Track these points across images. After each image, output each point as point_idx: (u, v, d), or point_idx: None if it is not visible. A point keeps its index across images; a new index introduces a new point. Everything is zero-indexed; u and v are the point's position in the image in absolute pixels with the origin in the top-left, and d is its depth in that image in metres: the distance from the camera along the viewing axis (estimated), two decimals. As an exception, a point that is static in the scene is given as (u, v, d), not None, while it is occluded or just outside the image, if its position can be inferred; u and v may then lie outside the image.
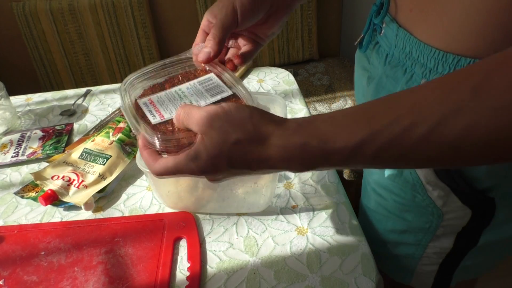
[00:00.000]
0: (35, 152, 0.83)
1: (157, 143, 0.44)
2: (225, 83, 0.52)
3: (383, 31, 0.58)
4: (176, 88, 0.52)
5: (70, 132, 0.90)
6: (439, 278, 0.67)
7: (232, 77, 0.52)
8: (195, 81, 0.53)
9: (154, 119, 0.47)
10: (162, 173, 0.44)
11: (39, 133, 0.89)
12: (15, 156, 0.82)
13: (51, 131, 0.89)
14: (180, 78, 0.54)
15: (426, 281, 0.68)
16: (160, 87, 0.53)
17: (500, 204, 0.55)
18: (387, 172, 0.61)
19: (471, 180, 0.53)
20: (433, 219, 0.59)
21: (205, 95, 0.51)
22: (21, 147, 0.85)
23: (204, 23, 0.53)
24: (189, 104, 0.48)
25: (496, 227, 0.58)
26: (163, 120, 0.47)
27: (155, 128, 0.47)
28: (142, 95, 0.52)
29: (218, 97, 0.50)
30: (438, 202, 0.57)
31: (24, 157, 0.82)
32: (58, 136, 0.88)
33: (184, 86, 0.52)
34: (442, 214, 0.58)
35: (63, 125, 0.92)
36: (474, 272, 0.68)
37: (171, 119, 0.47)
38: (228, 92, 0.51)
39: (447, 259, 0.64)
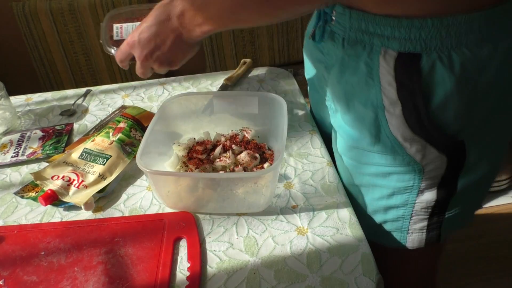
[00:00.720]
0: (35, 152, 0.83)
1: (113, 52, 0.78)
2: None
3: (334, 19, 0.63)
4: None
5: (70, 132, 0.90)
6: (429, 234, 0.70)
7: None
8: None
9: (116, 37, 0.80)
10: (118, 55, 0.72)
11: (39, 133, 0.89)
12: (15, 156, 0.82)
13: (51, 131, 0.89)
14: None
15: (418, 240, 0.71)
16: (133, 21, 0.82)
17: (469, 146, 0.61)
18: (365, 141, 0.65)
19: (441, 127, 0.59)
20: (415, 175, 0.64)
21: None
22: (21, 147, 0.85)
23: None
24: None
25: (469, 171, 0.63)
26: (122, 39, 0.79)
27: (114, 43, 0.80)
28: (118, 21, 0.82)
29: None
30: (417, 157, 0.61)
31: (24, 157, 0.82)
32: (58, 136, 0.88)
33: None
34: (423, 168, 0.63)
35: (63, 125, 0.92)
36: (459, 223, 0.72)
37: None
38: None
39: (433, 212, 0.68)
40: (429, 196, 0.66)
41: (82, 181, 0.72)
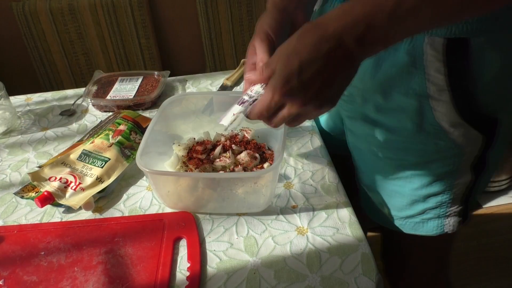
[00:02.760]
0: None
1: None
2: None
3: None
4: None
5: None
6: (463, 214, 0.71)
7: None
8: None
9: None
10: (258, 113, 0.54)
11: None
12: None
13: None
14: None
15: (454, 223, 0.72)
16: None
17: (500, 123, 0.62)
18: (405, 131, 0.63)
19: (485, 107, 0.59)
20: (455, 158, 0.64)
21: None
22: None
23: (250, 55, 0.60)
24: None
25: (497, 147, 0.64)
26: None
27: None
28: None
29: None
30: (459, 140, 0.62)
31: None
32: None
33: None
34: (462, 150, 0.63)
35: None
36: (476, 200, 0.75)
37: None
38: None
39: (466, 192, 0.69)
40: (467, 177, 0.67)
41: (80, 183, 0.72)
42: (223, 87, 1.01)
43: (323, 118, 0.88)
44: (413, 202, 0.71)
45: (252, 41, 0.59)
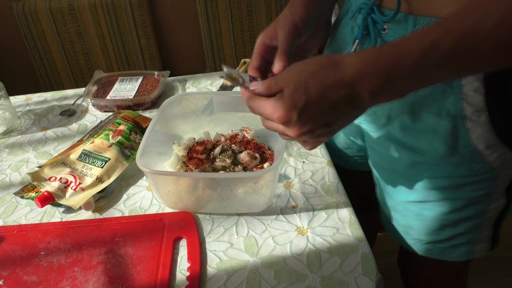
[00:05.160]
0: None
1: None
2: None
3: (386, 28, 0.58)
4: None
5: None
6: (493, 238, 0.68)
7: None
8: None
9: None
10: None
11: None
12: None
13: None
14: None
15: (483, 248, 0.69)
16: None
17: None
18: (436, 153, 0.60)
19: None
20: (490, 182, 0.61)
21: None
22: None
23: (260, 46, 0.56)
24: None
25: None
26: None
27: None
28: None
29: None
30: (496, 163, 0.59)
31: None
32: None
33: None
34: (498, 174, 0.60)
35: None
36: (508, 215, 0.69)
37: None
38: None
39: (499, 217, 0.66)
40: (501, 200, 0.64)
41: (80, 183, 0.72)
42: (223, 87, 1.01)
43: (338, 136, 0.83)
44: (443, 227, 0.67)
45: (276, 25, 0.56)
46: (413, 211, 0.69)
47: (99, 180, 0.73)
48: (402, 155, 0.64)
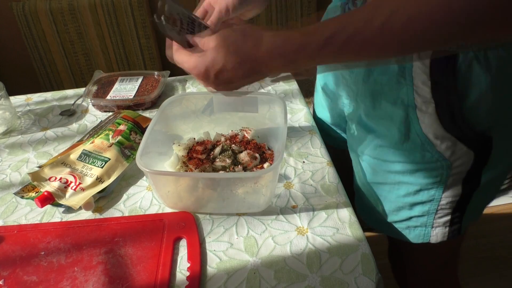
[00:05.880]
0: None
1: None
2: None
3: None
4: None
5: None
6: (452, 227, 0.71)
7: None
8: None
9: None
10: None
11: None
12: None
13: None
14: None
15: (442, 234, 0.72)
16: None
17: (495, 142, 0.62)
18: (393, 139, 0.65)
19: (473, 124, 0.60)
20: (443, 171, 0.64)
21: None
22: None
23: (206, 3, 0.68)
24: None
25: (493, 165, 0.65)
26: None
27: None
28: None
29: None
30: (446, 154, 0.62)
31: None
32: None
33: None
34: (451, 164, 0.63)
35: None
36: (478, 213, 0.73)
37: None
38: None
39: (457, 206, 0.69)
40: (455, 191, 0.67)
41: (80, 183, 0.72)
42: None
43: (326, 114, 0.89)
44: (399, 209, 0.72)
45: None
46: (375, 192, 0.74)
47: (99, 180, 0.73)
48: (367, 139, 0.71)
